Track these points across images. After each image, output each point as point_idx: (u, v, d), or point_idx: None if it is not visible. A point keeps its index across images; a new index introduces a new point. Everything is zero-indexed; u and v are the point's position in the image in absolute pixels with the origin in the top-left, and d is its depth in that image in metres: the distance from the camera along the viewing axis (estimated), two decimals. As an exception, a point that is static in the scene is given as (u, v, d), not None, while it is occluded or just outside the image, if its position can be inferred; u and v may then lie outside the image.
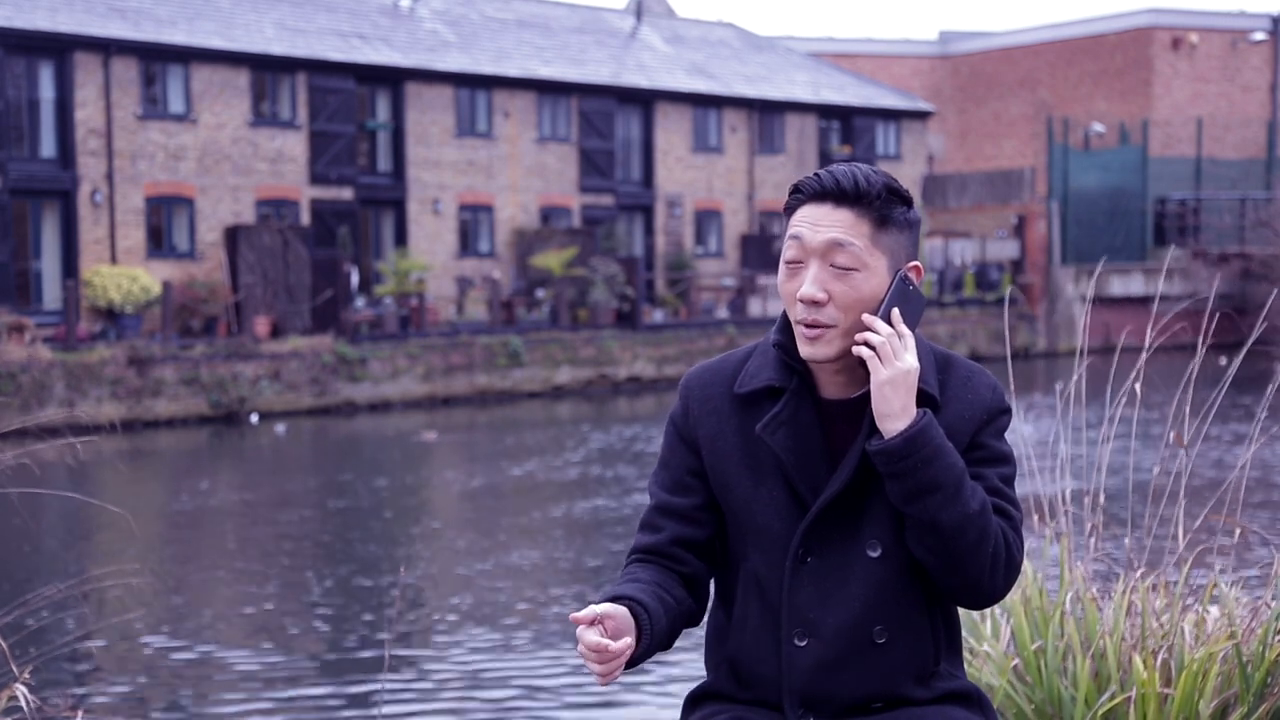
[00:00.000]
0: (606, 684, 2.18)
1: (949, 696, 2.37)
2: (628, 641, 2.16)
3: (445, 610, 10.17)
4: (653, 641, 2.26)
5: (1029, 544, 4.09)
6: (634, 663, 2.23)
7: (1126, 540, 3.89)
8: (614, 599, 2.24)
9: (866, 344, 2.24)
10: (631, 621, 2.22)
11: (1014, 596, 3.69)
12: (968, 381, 2.35)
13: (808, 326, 2.27)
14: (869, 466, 2.29)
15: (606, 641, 2.13)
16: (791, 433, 2.31)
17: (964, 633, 3.69)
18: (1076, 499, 3.98)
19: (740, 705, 2.38)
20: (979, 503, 2.25)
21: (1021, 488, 2.72)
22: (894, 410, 2.23)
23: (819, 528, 2.31)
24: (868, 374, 2.28)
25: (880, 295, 2.27)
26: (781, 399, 2.33)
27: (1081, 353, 4.05)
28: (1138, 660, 3.42)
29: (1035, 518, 3.96)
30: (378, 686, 8.10)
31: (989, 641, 3.68)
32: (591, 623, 2.16)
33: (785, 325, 2.35)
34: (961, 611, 3.37)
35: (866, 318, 2.25)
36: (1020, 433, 4.21)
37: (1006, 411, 2.37)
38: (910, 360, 2.24)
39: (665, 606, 2.30)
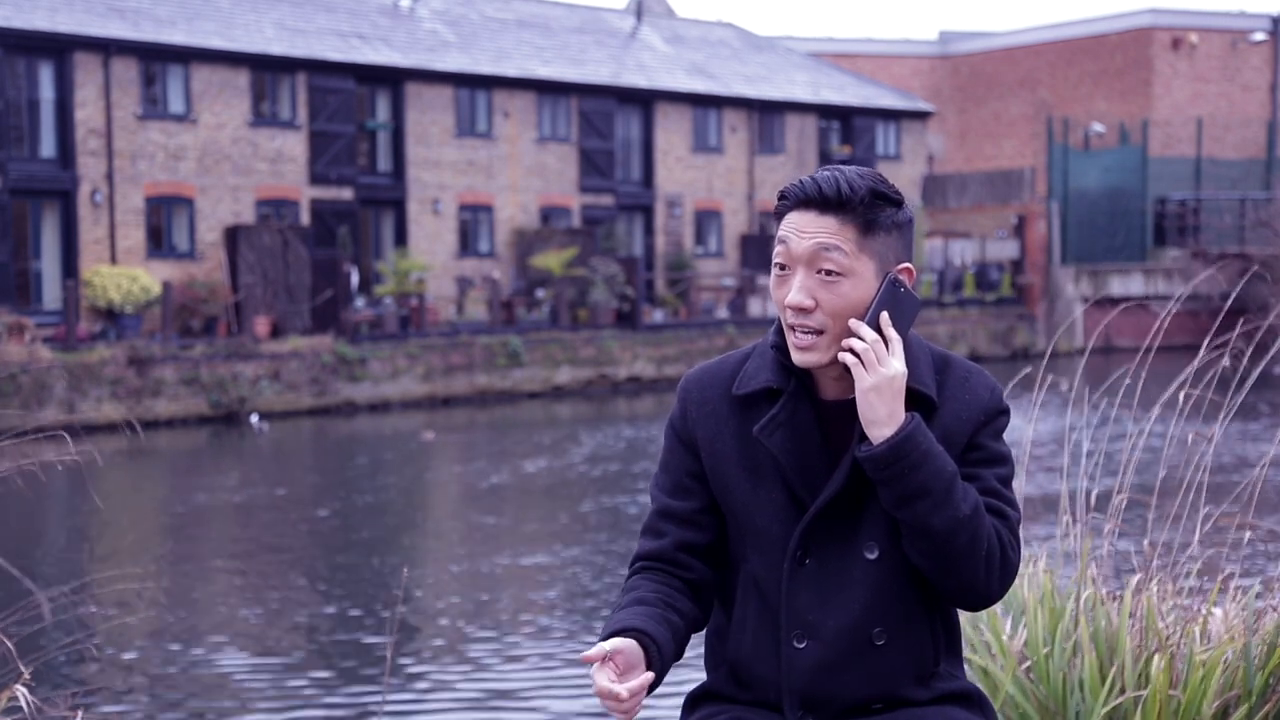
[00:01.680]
0: None
1: (949, 697, 2.36)
2: (645, 679, 2.15)
3: (448, 612, 10.16)
4: (663, 670, 2.25)
5: (1044, 543, 4.09)
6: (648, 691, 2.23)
7: (1145, 541, 3.89)
8: (621, 630, 2.24)
9: (851, 351, 2.23)
10: (640, 652, 2.22)
11: (1027, 595, 3.68)
12: (965, 382, 2.34)
13: (797, 333, 2.27)
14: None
15: (618, 689, 2.12)
16: (789, 434, 2.30)
17: (978, 628, 3.69)
18: (1100, 502, 3.98)
19: (740, 706, 2.38)
20: (970, 506, 2.24)
21: (1034, 487, 2.71)
22: (880, 417, 2.22)
23: (817, 530, 2.31)
24: (861, 379, 2.27)
25: (869, 300, 2.26)
26: (779, 401, 2.32)
27: (1150, 350, 4.05)
28: (1143, 661, 3.42)
29: (1065, 517, 3.96)
30: (379, 688, 8.09)
31: (999, 640, 3.68)
32: (602, 660, 2.16)
33: (783, 327, 2.34)
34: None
35: (853, 323, 2.24)
36: (1025, 435, 4.20)
37: (1005, 412, 2.36)
38: (896, 365, 2.23)
39: (672, 628, 2.30)
